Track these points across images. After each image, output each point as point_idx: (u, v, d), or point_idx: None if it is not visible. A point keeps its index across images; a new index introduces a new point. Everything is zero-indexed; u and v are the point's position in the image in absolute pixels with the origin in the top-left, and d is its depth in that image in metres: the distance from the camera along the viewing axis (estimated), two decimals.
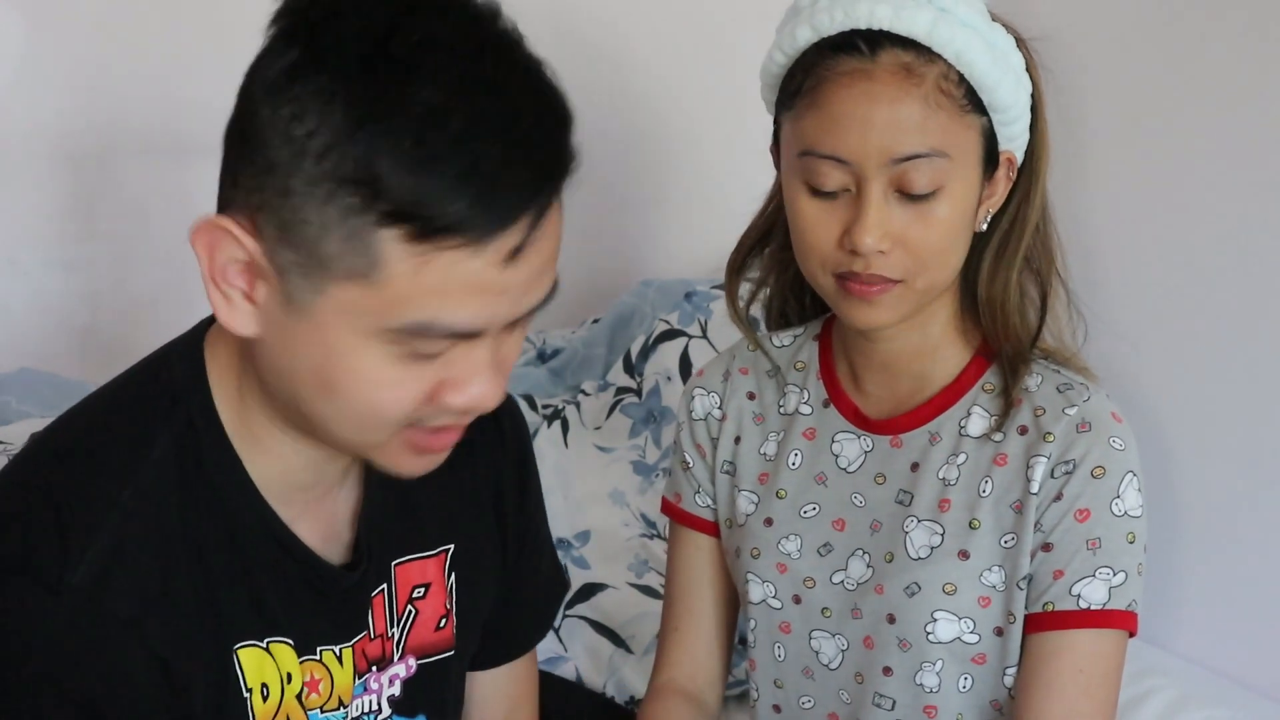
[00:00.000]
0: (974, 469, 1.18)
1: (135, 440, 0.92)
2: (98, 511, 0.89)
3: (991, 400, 1.19)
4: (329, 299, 0.84)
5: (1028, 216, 1.17)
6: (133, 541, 0.89)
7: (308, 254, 0.84)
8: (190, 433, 0.93)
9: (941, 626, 1.17)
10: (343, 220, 0.82)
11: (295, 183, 0.82)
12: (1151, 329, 1.68)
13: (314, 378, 0.88)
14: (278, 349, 0.89)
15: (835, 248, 1.12)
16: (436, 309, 0.84)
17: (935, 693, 1.19)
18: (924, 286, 1.13)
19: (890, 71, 1.08)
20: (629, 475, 1.82)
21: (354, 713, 1.04)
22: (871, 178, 1.08)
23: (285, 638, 0.98)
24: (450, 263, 0.83)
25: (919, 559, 1.18)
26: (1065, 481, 1.14)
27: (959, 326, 1.21)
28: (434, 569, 1.08)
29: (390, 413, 0.88)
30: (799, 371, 1.29)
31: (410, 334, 0.85)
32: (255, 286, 0.87)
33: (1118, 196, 1.74)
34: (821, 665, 1.24)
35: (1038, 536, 1.15)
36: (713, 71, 2.09)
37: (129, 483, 0.91)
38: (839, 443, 1.24)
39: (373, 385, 0.87)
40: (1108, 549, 1.13)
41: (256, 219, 0.85)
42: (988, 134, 1.12)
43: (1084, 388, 1.17)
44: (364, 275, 0.83)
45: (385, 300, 0.83)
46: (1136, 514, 1.14)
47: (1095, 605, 1.13)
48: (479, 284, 0.84)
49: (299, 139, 0.82)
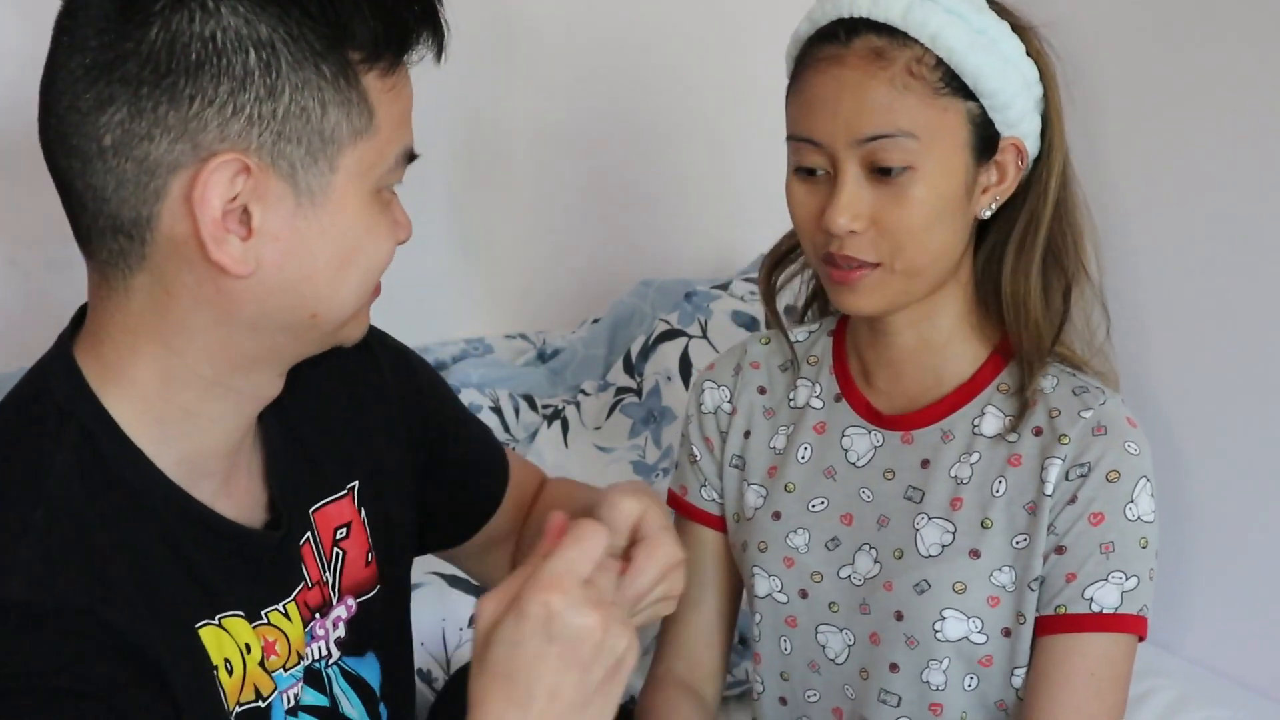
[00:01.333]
0: (987, 468, 1.18)
1: (32, 465, 0.91)
2: (15, 534, 0.88)
3: (1006, 400, 1.19)
4: (341, 173, 0.92)
5: (1042, 207, 1.17)
6: (59, 552, 0.89)
7: (315, 137, 0.90)
8: (87, 443, 0.93)
9: (950, 625, 1.17)
10: (334, 85, 0.90)
11: (279, 79, 0.88)
12: (1162, 328, 1.68)
13: (335, 261, 0.93)
14: (288, 264, 0.92)
15: (816, 228, 1.14)
16: (405, 136, 0.95)
17: (941, 690, 1.19)
18: (904, 269, 1.13)
19: (860, 55, 1.11)
20: (629, 475, 1.82)
21: (307, 661, 1.05)
22: (843, 158, 1.11)
23: (234, 610, 0.99)
24: (402, 86, 0.94)
25: (929, 556, 1.18)
26: (1080, 484, 1.14)
27: (973, 322, 1.21)
28: (348, 508, 1.11)
29: (387, 260, 0.97)
30: (812, 366, 1.29)
31: (394, 170, 0.95)
32: (250, 218, 0.90)
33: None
34: (828, 660, 1.24)
35: (1051, 539, 1.15)
36: (713, 73, 2.09)
37: (38, 505, 0.90)
38: (849, 437, 1.25)
39: (379, 240, 0.95)
40: (1121, 553, 1.14)
41: (246, 141, 0.88)
42: (977, 119, 1.13)
43: (1100, 391, 1.17)
44: (365, 129, 0.92)
45: (380, 145, 0.93)
46: (1149, 519, 1.15)
47: (1107, 609, 1.14)
48: (410, 103, 0.96)
49: (263, 39, 0.87)
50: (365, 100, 0.91)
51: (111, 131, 0.88)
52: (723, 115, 2.11)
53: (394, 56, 0.93)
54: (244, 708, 0.99)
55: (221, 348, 0.95)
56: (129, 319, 0.94)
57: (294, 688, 1.04)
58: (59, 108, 0.91)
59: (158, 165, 0.89)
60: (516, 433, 1.84)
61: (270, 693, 1.01)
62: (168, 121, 0.88)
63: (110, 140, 0.89)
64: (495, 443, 1.31)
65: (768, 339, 1.33)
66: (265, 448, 1.06)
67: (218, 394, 0.96)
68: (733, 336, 1.83)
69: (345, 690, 1.09)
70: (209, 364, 0.95)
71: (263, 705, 1.00)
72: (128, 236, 0.91)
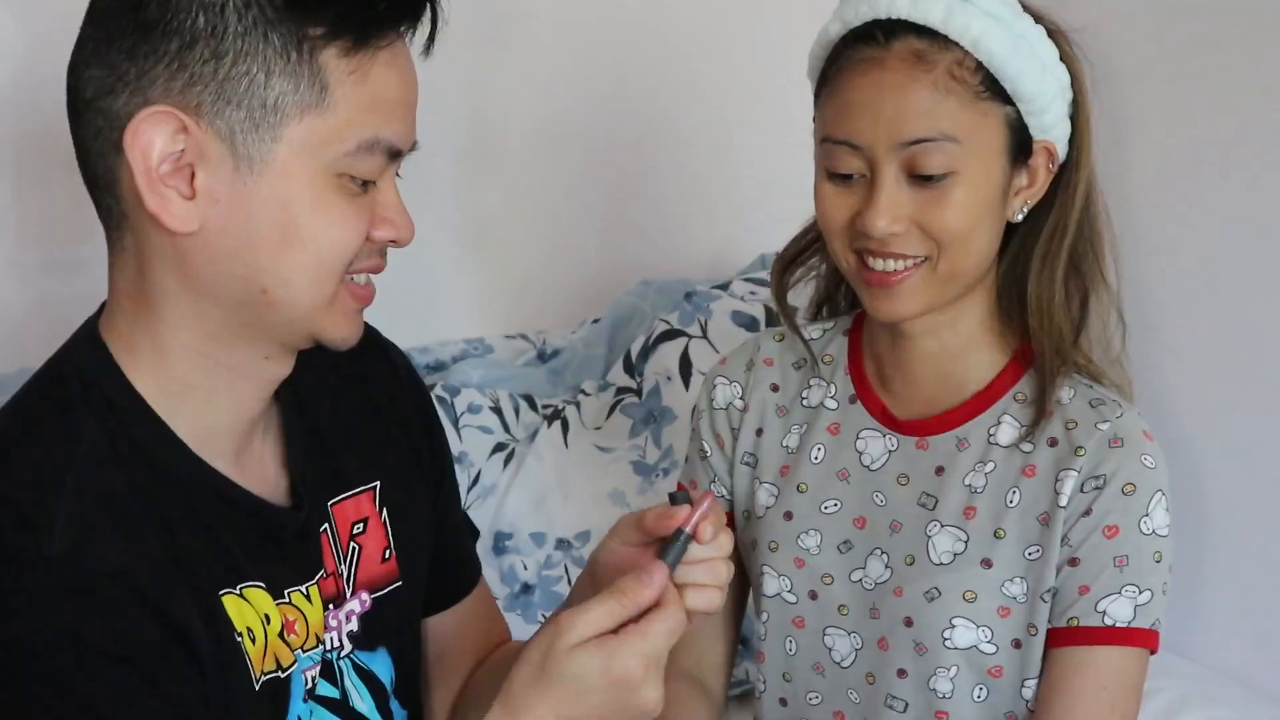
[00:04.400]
0: (1002, 478, 1.18)
1: (63, 433, 0.94)
2: (51, 494, 0.90)
3: (1023, 410, 1.19)
4: (285, 144, 0.91)
5: (1069, 212, 1.16)
6: (90, 514, 0.91)
7: (257, 104, 0.90)
8: (112, 412, 0.95)
9: (959, 633, 1.17)
10: (284, 56, 0.90)
11: (225, 43, 0.89)
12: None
13: (276, 234, 0.93)
14: (230, 228, 0.92)
15: (851, 232, 1.14)
16: (377, 124, 0.93)
17: (948, 699, 1.19)
18: (946, 271, 1.12)
19: (901, 59, 1.10)
20: (629, 475, 1.82)
21: (325, 647, 1.06)
22: (883, 161, 1.10)
23: (255, 581, 1.00)
24: (381, 72, 0.93)
25: (941, 564, 1.18)
26: (1095, 497, 1.14)
27: (993, 329, 1.20)
28: (366, 504, 1.12)
29: (343, 249, 0.95)
30: (827, 365, 1.28)
31: (356, 156, 0.93)
32: (193, 178, 0.91)
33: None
34: (833, 663, 1.24)
35: (1064, 551, 1.15)
36: (713, 73, 2.09)
37: (69, 468, 0.92)
38: (863, 439, 1.24)
39: (329, 223, 0.94)
40: (1135, 567, 1.13)
41: (186, 98, 0.90)
42: (1014, 123, 1.12)
43: (1116, 404, 1.17)
44: (315, 105, 0.91)
45: (336, 126, 0.92)
46: (1164, 533, 1.14)
47: (1121, 623, 1.13)
48: (399, 96, 0.95)
49: (213, 2, 0.89)
50: (319, 76, 0.91)
51: (90, 84, 0.92)
52: (724, 115, 2.11)
53: (357, 37, 0.92)
54: (267, 677, 1.00)
55: (196, 318, 0.96)
56: (126, 284, 0.97)
57: (312, 669, 1.05)
58: (74, 69, 0.95)
59: (116, 117, 0.91)
60: (516, 433, 1.84)
61: (290, 664, 1.02)
62: (127, 75, 0.91)
63: (90, 92, 0.92)
64: (474, 534, 1.31)
65: (781, 335, 1.32)
66: (285, 437, 1.07)
67: (207, 367, 0.98)
68: (733, 337, 1.83)
69: (356, 684, 1.10)
70: (189, 333, 0.96)
71: (282, 676, 1.02)
72: (107, 192, 0.95)
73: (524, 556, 1.78)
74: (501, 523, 1.78)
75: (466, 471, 1.79)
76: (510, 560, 1.77)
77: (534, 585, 1.77)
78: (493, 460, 1.81)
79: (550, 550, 1.79)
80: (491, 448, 1.81)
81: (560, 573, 1.78)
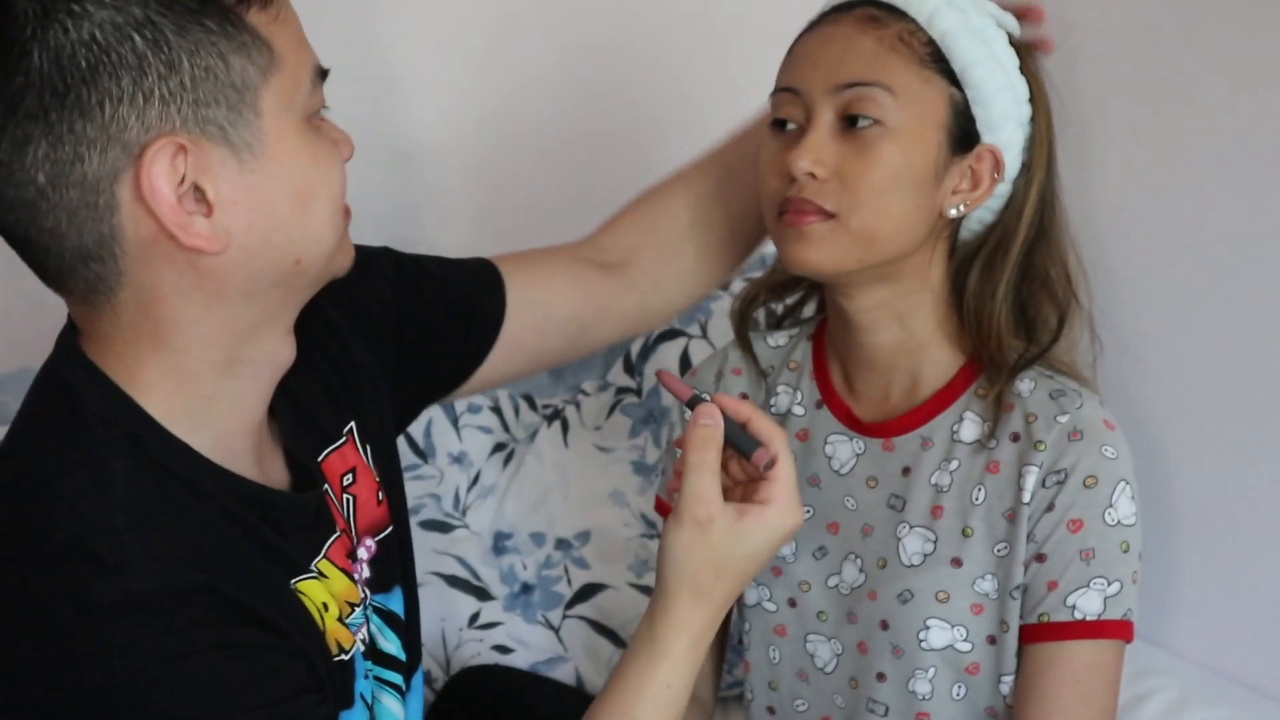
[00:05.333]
0: (966, 476, 1.17)
1: (97, 477, 0.91)
2: (110, 536, 0.89)
3: (984, 406, 1.18)
4: (267, 115, 0.91)
5: (1014, 231, 1.15)
6: (154, 544, 0.90)
7: (229, 91, 0.90)
8: (136, 445, 0.93)
9: (934, 634, 1.17)
10: (224, 35, 0.89)
11: (171, 51, 0.87)
12: (1147, 329, 1.68)
13: (294, 202, 0.93)
14: (254, 221, 0.92)
15: (777, 176, 1.13)
16: (308, 56, 0.95)
17: (928, 700, 1.19)
18: (859, 228, 1.10)
19: (855, 18, 1.13)
20: (629, 475, 1.82)
21: (361, 606, 1.08)
22: (818, 105, 1.11)
23: (306, 574, 1.01)
24: (284, 10, 0.94)
25: (912, 566, 1.18)
26: (1057, 492, 1.13)
27: (948, 330, 1.20)
28: (351, 453, 1.13)
29: (342, 182, 0.97)
30: (792, 371, 1.28)
31: (312, 92, 0.94)
32: (205, 193, 0.90)
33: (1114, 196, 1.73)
34: (816, 669, 1.24)
35: (1031, 547, 1.14)
36: (713, 72, 2.09)
37: (115, 509, 0.90)
38: (831, 444, 1.24)
39: (328, 165, 0.95)
40: (1101, 559, 1.12)
41: (166, 122, 0.88)
42: (959, 107, 1.12)
43: (1076, 395, 1.15)
44: (270, 66, 0.91)
45: (291, 74, 0.93)
46: (1130, 522, 1.13)
47: (1090, 616, 1.13)
48: (297, 20, 0.96)
49: (140, 19, 0.86)
50: (258, 37, 0.91)
51: (41, 169, 0.88)
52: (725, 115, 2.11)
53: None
54: (335, 660, 1.01)
55: (223, 328, 0.95)
56: (125, 333, 0.94)
57: (360, 630, 1.06)
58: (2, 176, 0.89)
59: (99, 180, 0.88)
60: (516, 432, 1.84)
61: (350, 645, 1.04)
62: (89, 136, 0.87)
63: (44, 177, 0.88)
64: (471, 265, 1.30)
65: (746, 349, 1.32)
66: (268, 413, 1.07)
67: (234, 372, 0.97)
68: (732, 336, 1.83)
69: (381, 626, 1.12)
70: (215, 347, 0.95)
71: (346, 658, 1.03)
72: (98, 260, 0.91)
73: (524, 556, 1.78)
74: (501, 523, 1.78)
75: (466, 471, 1.79)
76: (510, 560, 1.77)
77: (534, 585, 1.77)
78: (493, 460, 1.81)
79: (550, 550, 1.79)
80: (491, 447, 1.81)
81: (560, 573, 1.78)
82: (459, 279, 1.26)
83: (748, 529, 1.00)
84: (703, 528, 0.99)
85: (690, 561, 0.99)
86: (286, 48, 0.93)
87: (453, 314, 1.24)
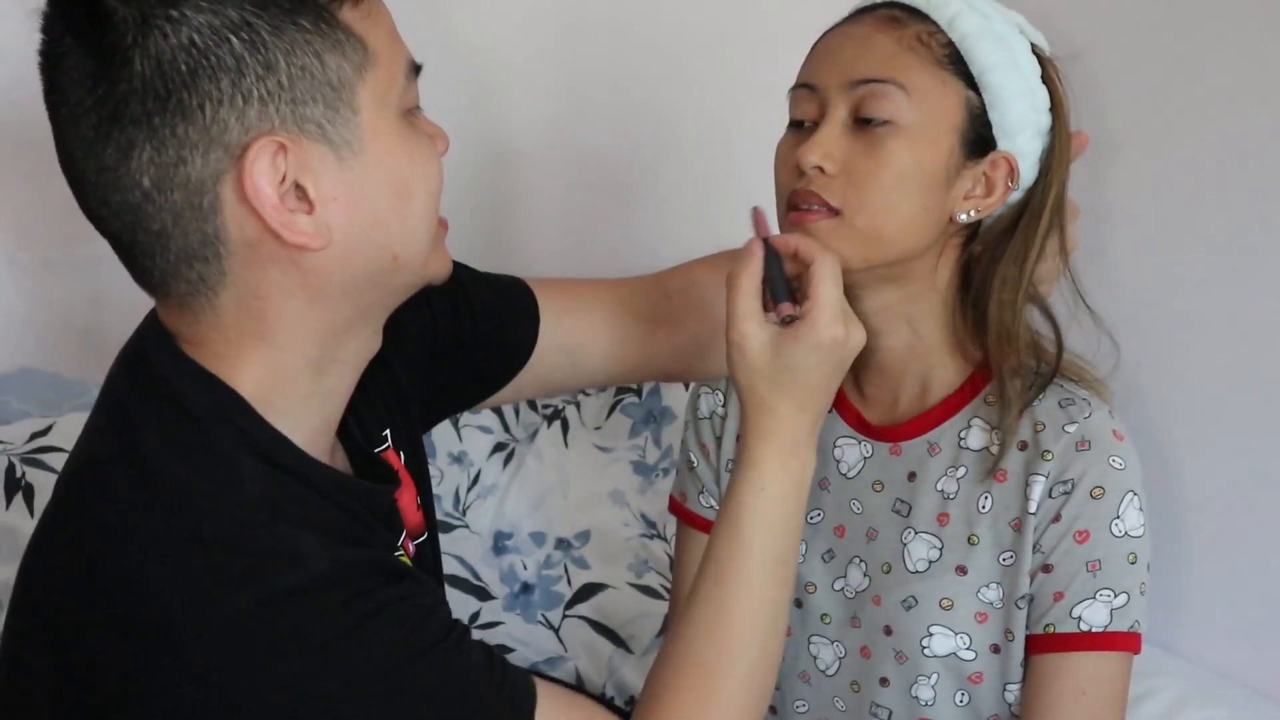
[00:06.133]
0: (973, 484, 1.16)
1: (229, 475, 0.93)
2: (264, 529, 0.91)
3: (993, 413, 1.17)
4: (364, 112, 0.92)
5: (1030, 243, 1.14)
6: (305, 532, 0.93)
7: (326, 89, 0.91)
8: (248, 440, 0.95)
9: (937, 641, 1.16)
10: (319, 33, 0.90)
11: (268, 52, 0.88)
12: (1153, 332, 1.68)
13: (393, 198, 0.95)
14: (355, 218, 0.93)
15: (790, 172, 1.13)
16: (401, 51, 0.96)
17: (930, 706, 1.18)
18: (865, 226, 1.09)
19: (876, 18, 1.13)
20: (629, 475, 1.82)
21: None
22: (833, 102, 1.11)
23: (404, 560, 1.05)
24: (376, 6, 0.95)
25: (916, 572, 1.17)
26: (1064, 502, 1.12)
27: (958, 338, 1.19)
28: (393, 458, 1.14)
29: (440, 178, 0.98)
30: None
31: (406, 88, 0.95)
32: (306, 191, 0.91)
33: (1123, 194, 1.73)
34: (819, 671, 1.24)
35: (1037, 557, 1.13)
36: (714, 72, 2.09)
37: (255, 505, 0.92)
38: (840, 447, 1.24)
39: (424, 160, 0.97)
40: (1108, 570, 1.11)
41: (265, 122, 0.89)
42: (975, 111, 1.11)
43: (1086, 404, 1.14)
44: (365, 62, 0.93)
45: (385, 69, 0.94)
46: (1138, 534, 1.12)
47: (1096, 628, 1.12)
48: (389, 15, 0.97)
49: (236, 21, 0.88)
50: (352, 34, 0.92)
51: (146, 173, 0.89)
52: (728, 115, 2.11)
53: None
54: None
55: (321, 325, 0.97)
56: (226, 334, 0.96)
57: None
58: (88, 177, 0.91)
59: (203, 182, 0.90)
60: (516, 432, 1.84)
61: None
62: (191, 138, 0.88)
63: (149, 181, 0.90)
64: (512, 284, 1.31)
65: None
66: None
67: (328, 368, 0.99)
68: None
69: None
70: (313, 345, 0.97)
71: None
72: (202, 260, 0.93)
73: (524, 556, 1.78)
74: (501, 522, 1.78)
75: (466, 471, 1.79)
76: (510, 560, 1.77)
77: (534, 585, 1.77)
78: (493, 460, 1.81)
79: (550, 550, 1.79)
80: (491, 447, 1.82)
81: (560, 572, 1.78)
82: (496, 306, 1.26)
83: (782, 343, 1.05)
84: (737, 347, 1.06)
85: (740, 375, 1.07)
86: (380, 44, 0.94)
87: (483, 345, 1.25)
